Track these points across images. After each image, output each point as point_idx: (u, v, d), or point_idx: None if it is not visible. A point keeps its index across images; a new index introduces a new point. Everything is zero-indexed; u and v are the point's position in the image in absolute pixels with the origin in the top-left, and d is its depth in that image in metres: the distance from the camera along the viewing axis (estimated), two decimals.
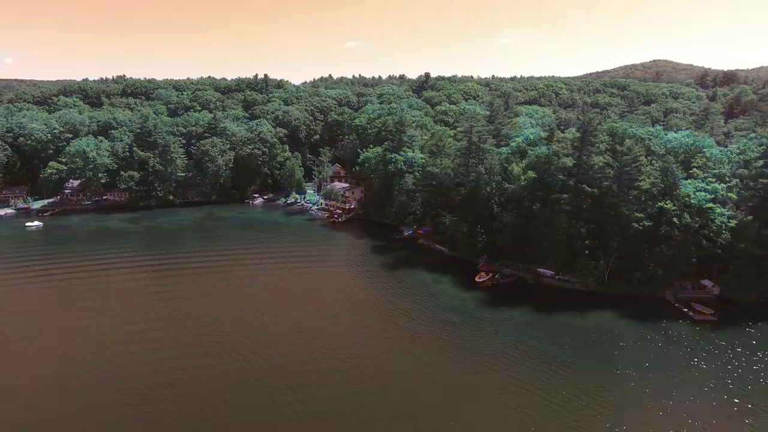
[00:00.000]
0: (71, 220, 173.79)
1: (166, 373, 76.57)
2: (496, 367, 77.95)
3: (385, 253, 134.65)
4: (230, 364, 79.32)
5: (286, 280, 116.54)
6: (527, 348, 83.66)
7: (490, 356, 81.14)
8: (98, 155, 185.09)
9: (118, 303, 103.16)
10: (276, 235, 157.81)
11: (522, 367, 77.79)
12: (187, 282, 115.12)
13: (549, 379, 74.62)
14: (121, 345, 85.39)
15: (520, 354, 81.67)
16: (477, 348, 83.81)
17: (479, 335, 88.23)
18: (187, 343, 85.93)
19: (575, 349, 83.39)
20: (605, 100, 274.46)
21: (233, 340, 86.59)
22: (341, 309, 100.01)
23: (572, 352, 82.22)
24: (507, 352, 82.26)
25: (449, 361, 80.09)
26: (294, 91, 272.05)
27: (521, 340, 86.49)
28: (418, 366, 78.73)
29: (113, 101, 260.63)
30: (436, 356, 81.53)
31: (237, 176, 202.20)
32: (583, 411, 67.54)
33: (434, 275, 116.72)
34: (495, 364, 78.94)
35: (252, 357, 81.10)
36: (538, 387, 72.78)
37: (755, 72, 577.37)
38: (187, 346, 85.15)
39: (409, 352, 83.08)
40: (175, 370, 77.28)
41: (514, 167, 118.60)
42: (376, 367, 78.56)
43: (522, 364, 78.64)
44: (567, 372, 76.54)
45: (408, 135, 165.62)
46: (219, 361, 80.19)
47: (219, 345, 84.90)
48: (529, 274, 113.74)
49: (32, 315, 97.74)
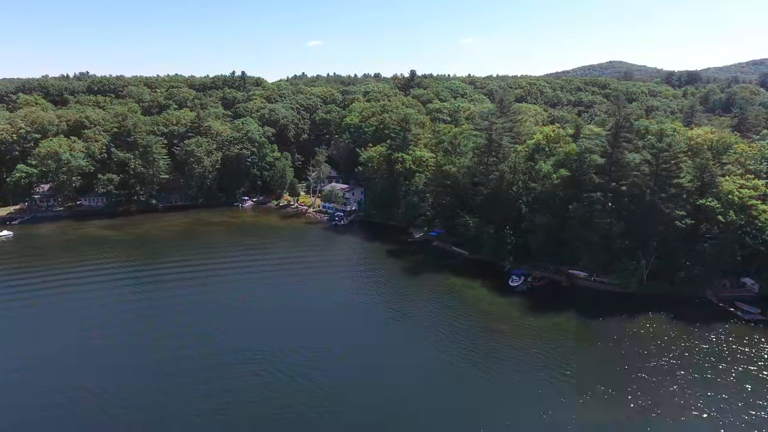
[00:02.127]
0: (44, 229, 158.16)
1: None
2: (571, 380, 72.21)
3: (402, 257, 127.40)
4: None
5: (308, 287, 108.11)
6: (590, 357, 78.48)
7: (558, 369, 75.20)
8: (72, 157, 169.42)
9: (116, 322, 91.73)
10: (278, 240, 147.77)
11: (598, 379, 72.38)
12: (190, 297, 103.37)
13: (635, 393, 69.50)
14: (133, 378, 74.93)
15: (587, 363, 76.29)
16: (544, 361, 77.62)
17: (537, 346, 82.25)
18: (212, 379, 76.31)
19: (641, 356, 78.78)
20: (588, 99, 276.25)
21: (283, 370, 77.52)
22: (377, 322, 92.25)
23: (639, 359, 77.63)
24: (572, 362, 76.70)
25: (528, 381, 73.26)
26: (276, 89, 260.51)
27: (581, 348, 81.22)
28: (496, 387, 71.66)
29: (80, 99, 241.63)
30: (509, 374, 74.74)
31: (224, 178, 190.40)
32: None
33: (462, 280, 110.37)
34: (565, 376, 73.22)
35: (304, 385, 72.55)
36: (625, 400, 67.58)
37: (704, 72, 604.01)
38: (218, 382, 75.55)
39: (478, 367, 76.18)
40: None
41: (542, 165, 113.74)
42: (446, 393, 70.31)
43: (594, 375, 73.25)
44: (650, 380, 71.75)
45: (413, 133, 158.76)
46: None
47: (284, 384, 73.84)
48: (561, 276, 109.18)
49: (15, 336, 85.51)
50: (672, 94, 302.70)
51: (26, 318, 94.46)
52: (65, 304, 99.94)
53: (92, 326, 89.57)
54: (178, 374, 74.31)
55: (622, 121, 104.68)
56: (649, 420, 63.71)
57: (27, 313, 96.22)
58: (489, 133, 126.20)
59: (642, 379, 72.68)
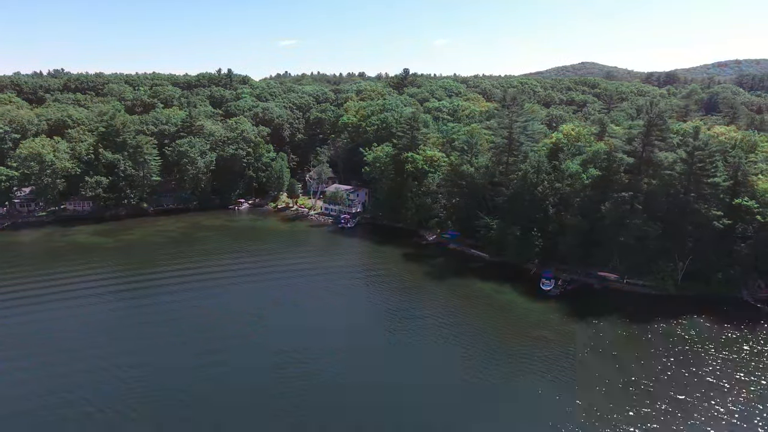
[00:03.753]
0: (28, 236, 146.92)
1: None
2: (638, 389, 68.31)
3: (421, 261, 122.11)
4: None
5: (334, 295, 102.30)
6: (642, 366, 74.84)
7: (621, 377, 71.49)
8: (56, 158, 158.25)
9: (118, 336, 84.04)
10: (284, 245, 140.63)
11: (664, 388, 68.67)
12: (202, 305, 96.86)
13: (703, 402, 65.89)
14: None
15: (648, 371, 72.75)
16: (602, 370, 73.48)
17: (588, 354, 78.16)
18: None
19: (695, 362, 75.65)
20: (580, 98, 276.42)
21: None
22: (413, 332, 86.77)
23: (695, 365, 74.50)
24: (631, 370, 73.00)
25: (595, 391, 69.22)
26: (266, 87, 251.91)
27: (635, 355, 77.68)
28: (566, 399, 67.04)
29: (58, 97, 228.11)
30: (571, 385, 70.13)
31: (218, 180, 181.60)
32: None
33: (491, 285, 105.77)
34: (630, 384, 69.28)
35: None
36: (697, 409, 63.86)
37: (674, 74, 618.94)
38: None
39: (537, 377, 71.49)
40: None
41: (569, 164, 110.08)
42: (519, 409, 65.70)
43: (661, 383, 69.55)
44: (710, 388, 68.36)
45: (422, 132, 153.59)
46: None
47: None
48: (592, 279, 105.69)
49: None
50: (659, 93, 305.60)
51: (17, 334, 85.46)
52: (59, 319, 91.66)
53: (93, 344, 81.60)
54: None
55: (655, 118, 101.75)
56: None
57: (18, 329, 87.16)
58: (509, 131, 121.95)
59: (702, 386, 69.41)
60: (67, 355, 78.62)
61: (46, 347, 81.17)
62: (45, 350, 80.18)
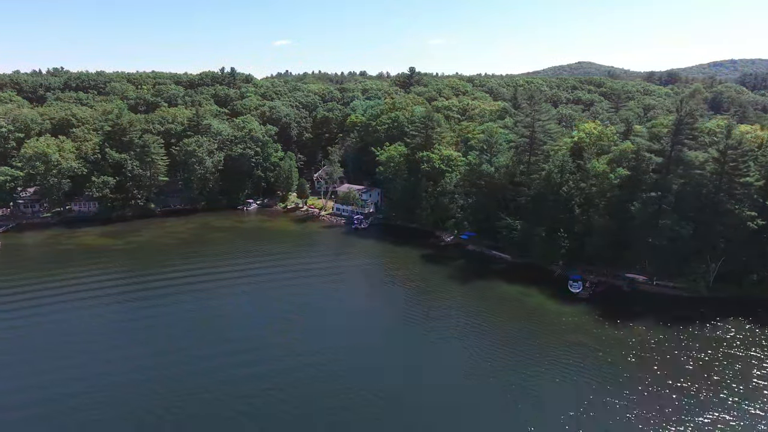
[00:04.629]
0: (33, 238, 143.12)
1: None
2: (689, 396, 65.94)
3: (442, 263, 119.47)
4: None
5: (360, 297, 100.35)
6: (690, 371, 72.58)
7: (668, 385, 68.95)
8: (62, 158, 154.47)
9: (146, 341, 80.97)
10: (299, 246, 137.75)
11: (716, 397, 66.38)
12: (224, 309, 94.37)
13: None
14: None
15: (688, 379, 70.37)
16: (647, 377, 71.09)
17: (631, 359, 75.77)
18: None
19: (742, 368, 73.36)
20: (586, 97, 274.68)
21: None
22: (447, 336, 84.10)
23: (743, 371, 72.17)
24: (673, 377, 70.63)
25: (641, 399, 66.84)
26: (270, 86, 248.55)
27: (680, 361, 75.40)
28: (610, 408, 64.55)
29: (60, 96, 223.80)
30: (617, 392, 67.69)
31: (225, 180, 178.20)
32: None
33: (517, 287, 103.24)
34: (678, 390, 66.92)
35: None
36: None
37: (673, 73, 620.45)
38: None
39: (576, 386, 68.99)
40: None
41: (595, 164, 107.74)
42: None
43: (710, 392, 67.22)
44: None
45: (437, 131, 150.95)
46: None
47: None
48: (620, 281, 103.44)
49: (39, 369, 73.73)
50: (665, 92, 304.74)
51: (32, 340, 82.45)
52: (73, 322, 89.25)
53: (123, 350, 78.58)
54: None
55: (685, 117, 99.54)
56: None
57: (32, 335, 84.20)
58: (531, 130, 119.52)
59: (756, 391, 67.14)
60: (87, 357, 76.17)
61: (66, 351, 78.75)
62: (63, 353, 77.84)
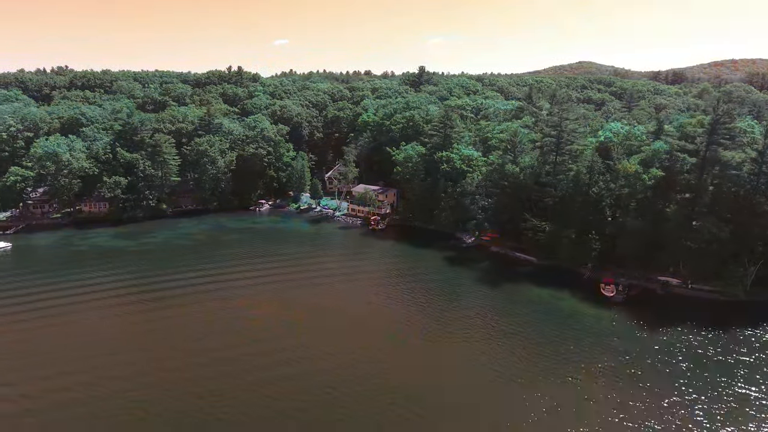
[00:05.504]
0: (45, 239, 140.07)
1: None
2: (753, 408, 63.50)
3: (466, 265, 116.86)
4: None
5: (385, 301, 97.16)
6: (747, 378, 70.05)
7: (728, 393, 66.58)
8: (73, 158, 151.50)
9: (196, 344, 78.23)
10: (318, 248, 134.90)
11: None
12: (251, 312, 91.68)
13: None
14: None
15: (748, 385, 67.93)
16: (707, 385, 68.57)
17: (684, 367, 73.22)
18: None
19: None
20: (597, 97, 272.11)
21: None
22: (487, 342, 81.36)
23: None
24: (733, 385, 68.22)
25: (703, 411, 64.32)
26: (279, 85, 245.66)
27: (735, 368, 72.91)
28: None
29: (67, 95, 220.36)
30: (680, 405, 65.08)
31: (237, 180, 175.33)
32: None
33: (548, 290, 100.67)
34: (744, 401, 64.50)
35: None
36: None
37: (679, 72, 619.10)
38: None
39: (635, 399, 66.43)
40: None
41: (626, 164, 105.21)
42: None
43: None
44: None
45: (456, 131, 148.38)
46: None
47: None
48: (653, 284, 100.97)
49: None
50: (674, 92, 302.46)
51: (58, 342, 79.83)
52: (98, 325, 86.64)
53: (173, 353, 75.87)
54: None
55: (722, 116, 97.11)
56: None
57: (57, 337, 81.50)
58: (558, 130, 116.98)
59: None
60: (115, 359, 73.50)
61: (93, 351, 76.54)
62: (90, 353, 75.64)
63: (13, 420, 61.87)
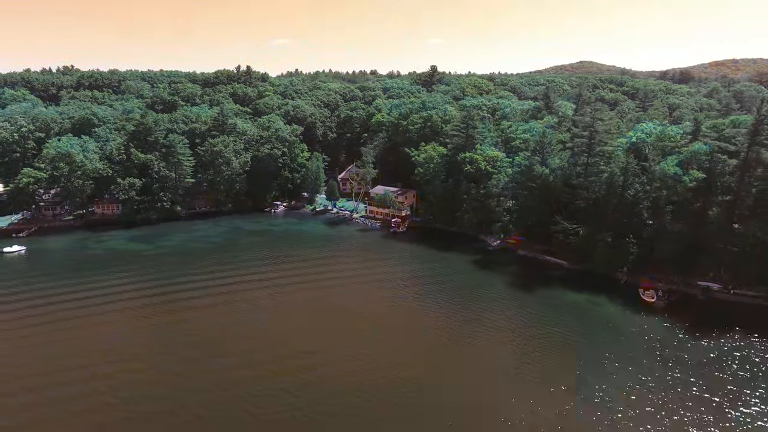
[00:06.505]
0: (58, 242, 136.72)
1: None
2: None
3: (495, 269, 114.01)
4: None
5: (421, 307, 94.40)
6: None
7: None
8: (86, 159, 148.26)
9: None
10: (340, 252, 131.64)
11: None
12: (288, 317, 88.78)
13: None
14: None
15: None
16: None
17: (745, 378, 70.23)
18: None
19: None
20: (609, 96, 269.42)
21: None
22: (537, 352, 78.55)
23: None
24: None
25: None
26: (289, 85, 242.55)
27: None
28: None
29: (75, 95, 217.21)
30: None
31: (251, 181, 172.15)
32: None
33: (584, 295, 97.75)
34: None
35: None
36: None
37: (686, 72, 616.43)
38: None
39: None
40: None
41: (664, 166, 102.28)
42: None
43: None
44: None
45: (479, 131, 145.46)
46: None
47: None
48: (693, 289, 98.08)
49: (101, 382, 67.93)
50: (686, 91, 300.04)
51: (83, 346, 76.76)
52: (125, 329, 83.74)
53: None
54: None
55: (766, 117, 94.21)
56: None
57: (83, 341, 78.37)
58: (591, 130, 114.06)
59: None
60: (148, 363, 70.65)
61: (125, 355, 74.53)
62: (122, 358, 73.45)
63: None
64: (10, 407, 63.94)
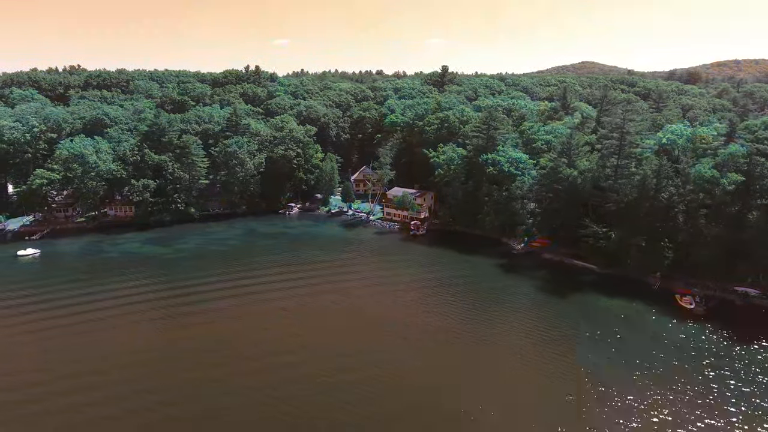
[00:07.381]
0: (72, 245, 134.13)
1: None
2: None
3: (522, 273, 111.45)
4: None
5: (455, 312, 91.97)
6: None
7: None
8: (100, 159, 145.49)
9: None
10: (360, 255, 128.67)
11: None
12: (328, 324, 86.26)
13: None
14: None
15: None
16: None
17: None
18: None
19: None
20: (621, 97, 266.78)
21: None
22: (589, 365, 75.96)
23: None
24: None
25: None
26: (299, 85, 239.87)
27: None
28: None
29: (84, 94, 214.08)
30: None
31: (265, 182, 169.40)
32: None
33: (618, 301, 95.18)
34: None
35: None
36: None
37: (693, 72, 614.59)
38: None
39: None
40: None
41: (700, 169, 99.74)
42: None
43: None
44: None
45: (500, 132, 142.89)
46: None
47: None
48: (732, 295, 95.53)
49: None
50: (698, 92, 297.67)
51: (109, 348, 74.05)
52: (150, 335, 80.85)
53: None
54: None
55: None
56: None
57: (108, 342, 75.66)
58: (621, 131, 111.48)
59: None
60: (174, 367, 67.97)
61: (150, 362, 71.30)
62: (146, 364, 70.27)
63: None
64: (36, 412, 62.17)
